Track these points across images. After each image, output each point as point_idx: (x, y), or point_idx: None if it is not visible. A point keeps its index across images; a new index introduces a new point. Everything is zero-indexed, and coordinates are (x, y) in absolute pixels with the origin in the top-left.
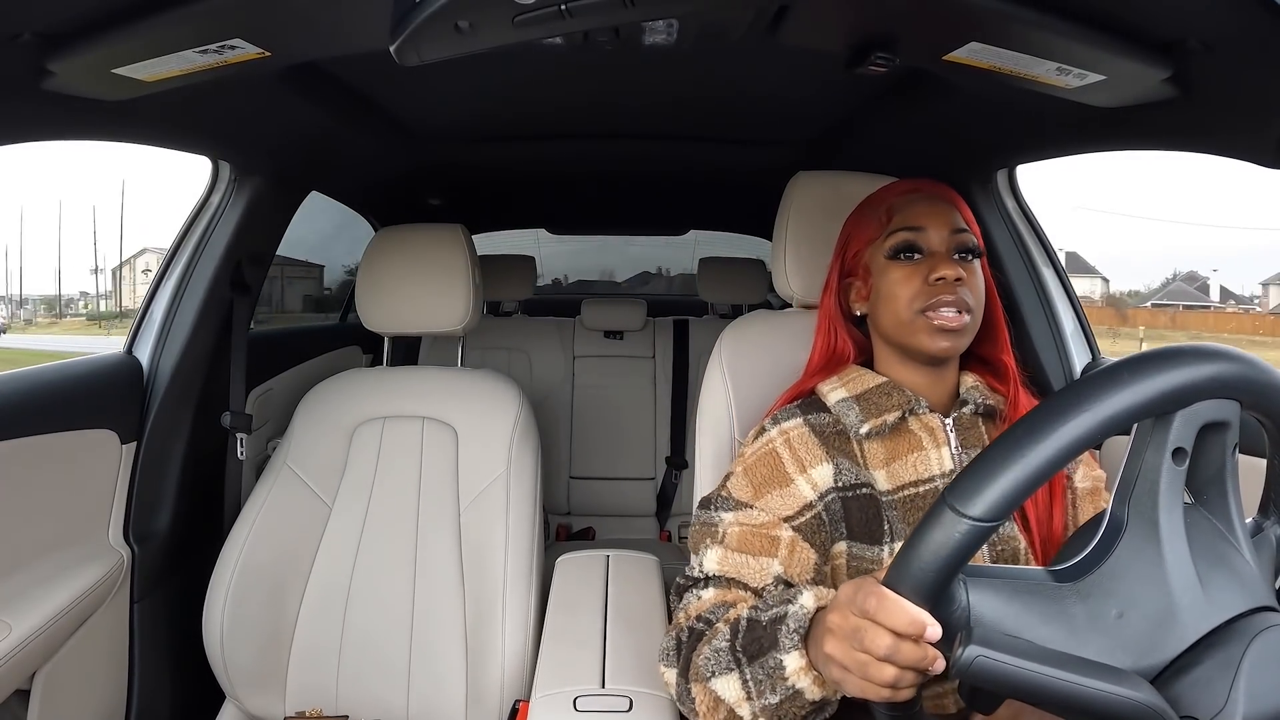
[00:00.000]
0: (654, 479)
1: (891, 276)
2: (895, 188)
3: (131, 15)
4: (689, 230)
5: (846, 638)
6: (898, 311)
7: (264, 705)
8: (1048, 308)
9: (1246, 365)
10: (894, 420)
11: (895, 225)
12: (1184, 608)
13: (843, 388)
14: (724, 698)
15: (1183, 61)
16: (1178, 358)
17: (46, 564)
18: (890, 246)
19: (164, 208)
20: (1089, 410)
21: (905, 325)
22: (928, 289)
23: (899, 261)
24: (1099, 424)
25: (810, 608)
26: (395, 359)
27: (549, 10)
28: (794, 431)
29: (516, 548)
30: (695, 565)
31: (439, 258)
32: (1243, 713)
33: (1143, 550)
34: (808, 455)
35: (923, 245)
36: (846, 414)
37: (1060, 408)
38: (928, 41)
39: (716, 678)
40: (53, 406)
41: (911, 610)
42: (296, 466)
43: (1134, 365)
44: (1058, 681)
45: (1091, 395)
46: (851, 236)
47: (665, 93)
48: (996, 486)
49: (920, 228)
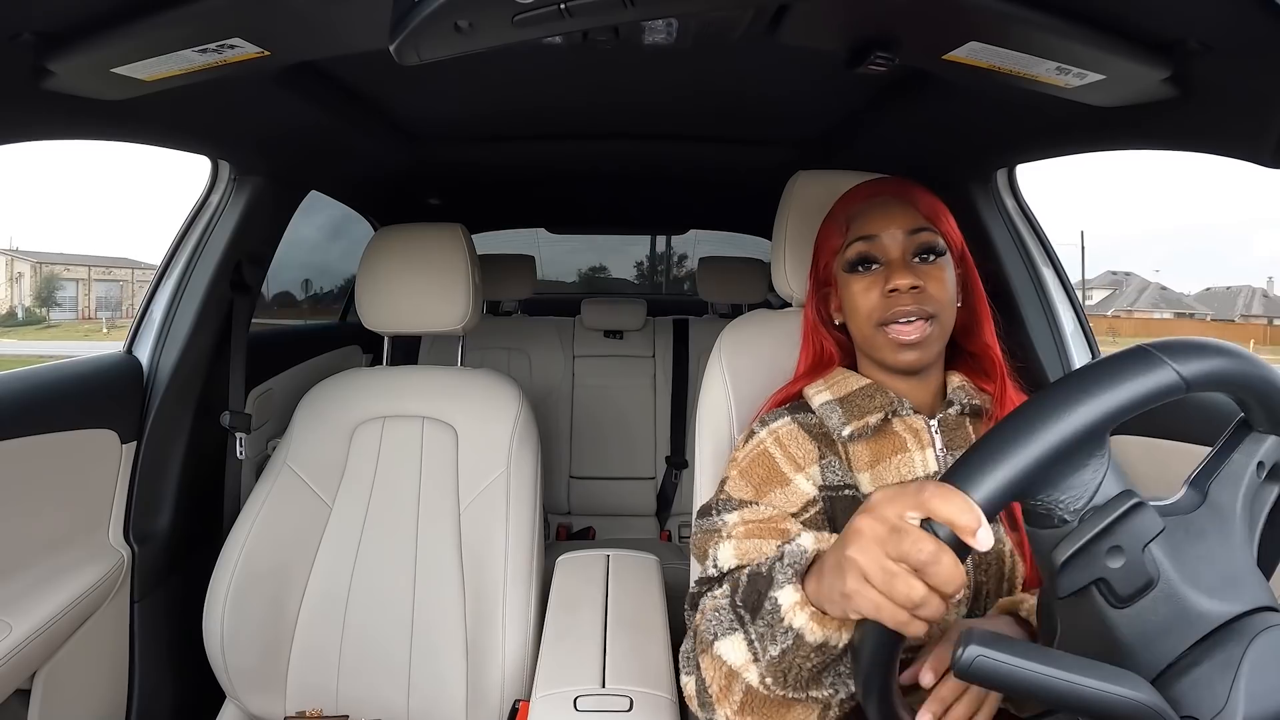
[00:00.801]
0: (654, 479)
1: (852, 290)
2: (854, 194)
3: (131, 15)
4: (689, 230)
5: (879, 541)
6: (860, 325)
7: (264, 705)
8: (1048, 308)
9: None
10: (876, 422)
11: (851, 235)
12: (1190, 607)
13: (827, 390)
14: (729, 661)
15: (1182, 61)
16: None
17: (47, 564)
18: (847, 259)
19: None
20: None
21: (869, 339)
22: (884, 301)
23: (857, 274)
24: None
25: (809, 547)
26: (395, 359)
27: (548, 10)
28: (783, 430)
29: (516, 547)
30: (708, 566)
31: (438, 257)
32: (1243, 713)
33: (1198, 545)
34: (800, 453)
35: (878, 254)
36: (829, 416)
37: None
38: (927, 41)
39: (720, 639)
40: (53, 406)
41: (972, 502)
42: (296, 466)
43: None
44: (1058, 681)
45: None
46: (820, 247)
47: (665, 92)
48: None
49: (873, 236)
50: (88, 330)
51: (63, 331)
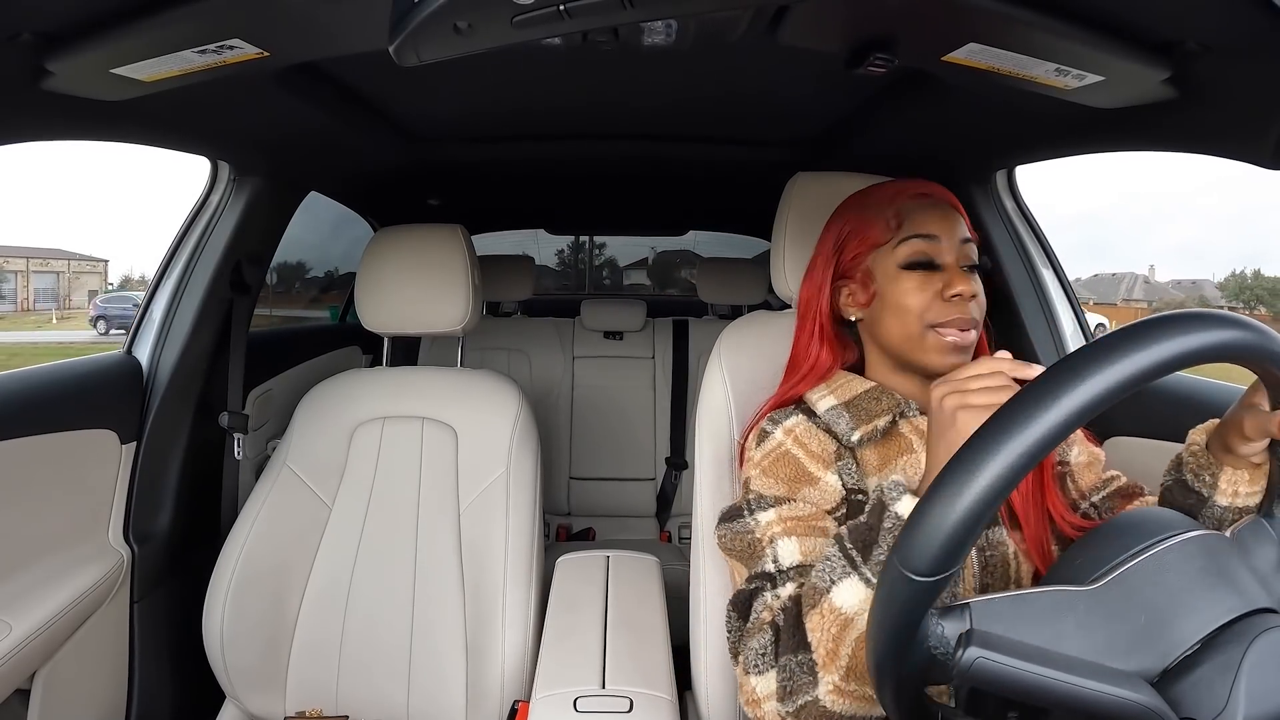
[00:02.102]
0: (654, 479)
1: (903, 287)
2: (903, 189)
3: (130, 15)
4: (688, 230)
5: (953, 382)
6: (907, 325)
7: (264, 705)
8: (1047, 308)
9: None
10: (885, 425)
11: (908, 232)
12: (1188, 610)
13: (831, 395)
14: (845, 608)
15: (1181, 62)
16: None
17: (47, 564)
18: (904, 256)
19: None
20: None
21: (914, 339)
22: (941, 305)
23: (912, 272)
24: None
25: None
26: (395, 359)
27: (548, 11)
28: (800, 429)
29: (516, 548)
30: (764, 563)
31: (438, 258)
32: (1243, 714)
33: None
34: (821, 450)
35: (936, 257)
36: (836, 423)
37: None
38: (926, 42)
39: (837, 585)
40: (53, 406)
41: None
42: (296, 467)
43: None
44: (1058, 683)
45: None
46: (850, 237)
47: (664, 93)
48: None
49: (934, 237)
50: (37, 321)
51: (11, 323)
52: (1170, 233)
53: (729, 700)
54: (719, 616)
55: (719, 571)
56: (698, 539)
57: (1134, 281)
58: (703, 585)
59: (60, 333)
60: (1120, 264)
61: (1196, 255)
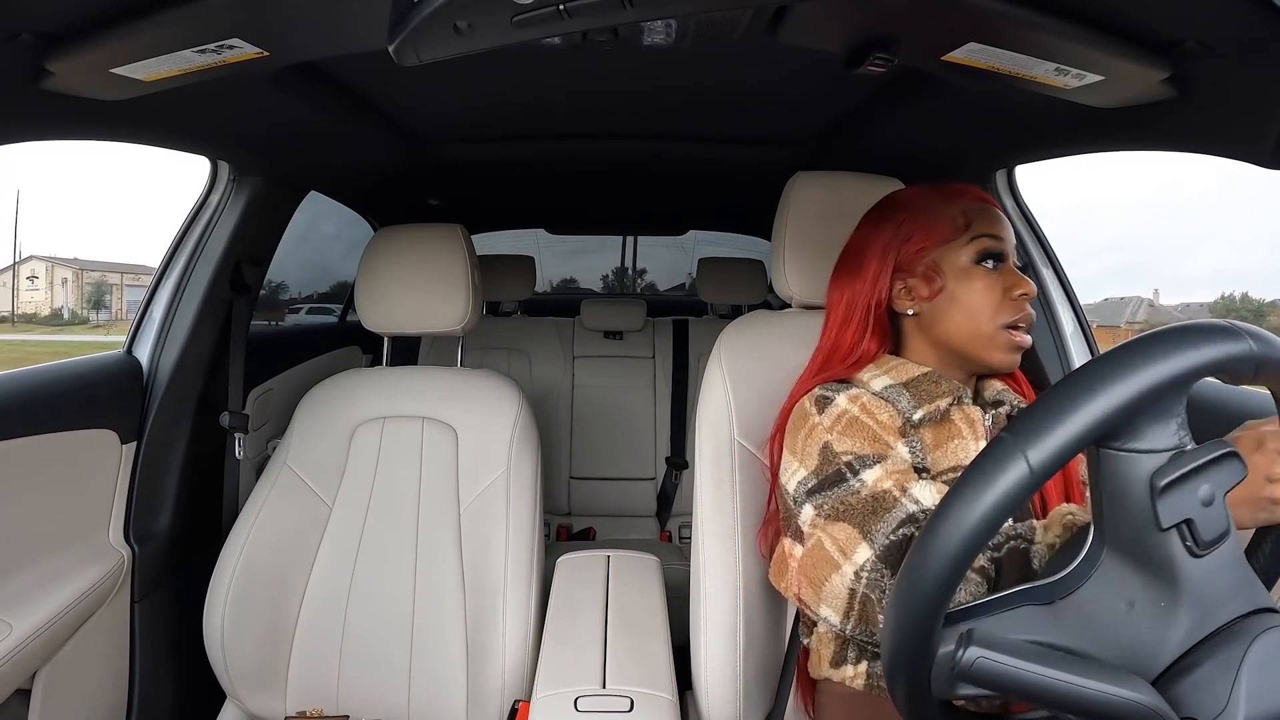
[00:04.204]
0: (654, 479)
1: (975, 284)
2: (963, 191)
3: (130, 15)
4: (688, 230)
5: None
6: (978, 323)
7: (265, 705)
8: (1047, 308)
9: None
10: (946, 407)
11: (978, 231)
12: (1251, 577)
13: (885, 375)
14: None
15: (1181, 62)
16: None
17: (47, 564)
18: (976, 252)
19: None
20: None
21: (984, 337)
22: (1011, 304)
23: (983, 269)
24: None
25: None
26: (395, 359)
27: (547, 11)
28: (865, 398)
29: (516, 548)
30: (902, 509)
31: (438, 258)
32: (1244, 714)
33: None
34: (890, 421)
35: (1002, 257)
36: (898, 399)
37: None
38: (926, 42)
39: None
40: (53, 406)
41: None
42: (296, 466)
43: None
44: (1059, 682)
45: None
46: (915, 232)
47: (664, 93)
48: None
49: (1000, 238)
50: (123, 328)
51: (116, 330)
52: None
53: (729, 700)
54: (720, 615)
55: (719, 571)
56: (698, 539)
57: (1139, 305)
58: (703, 585)
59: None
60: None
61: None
